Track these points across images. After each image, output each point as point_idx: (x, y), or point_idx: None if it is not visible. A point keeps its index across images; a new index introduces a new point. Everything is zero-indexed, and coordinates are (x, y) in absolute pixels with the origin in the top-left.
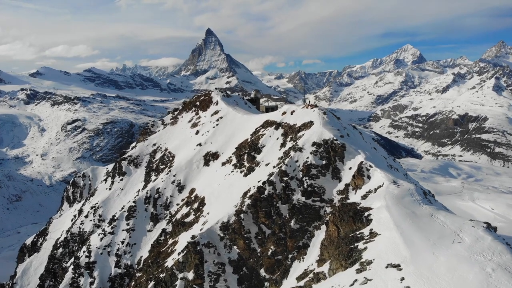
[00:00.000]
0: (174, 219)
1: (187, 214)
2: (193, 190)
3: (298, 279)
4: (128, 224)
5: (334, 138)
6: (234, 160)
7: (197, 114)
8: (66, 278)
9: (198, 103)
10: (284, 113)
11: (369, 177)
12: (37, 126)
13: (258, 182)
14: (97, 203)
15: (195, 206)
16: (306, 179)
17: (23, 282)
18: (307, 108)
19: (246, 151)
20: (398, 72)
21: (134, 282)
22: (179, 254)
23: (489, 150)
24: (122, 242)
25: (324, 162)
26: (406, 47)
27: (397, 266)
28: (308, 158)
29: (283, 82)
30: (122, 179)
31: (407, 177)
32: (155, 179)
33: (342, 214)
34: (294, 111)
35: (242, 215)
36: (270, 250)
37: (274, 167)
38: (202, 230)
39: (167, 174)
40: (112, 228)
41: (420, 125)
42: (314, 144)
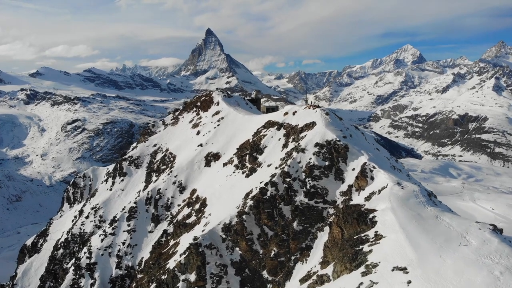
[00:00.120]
0: (175, 220)
1: (189, 215)
2: (194, 191)
3: (302, 281)
4: (129, 225)
5: (337, 139)
6: (235, 160)
7: (198, 114)
8: (67, 279)
9: (199, 104)
10: (286, 113)
11: (372, 178)
12: (37, 126)
13: (260, 183)
14: (97, 204)
15: (197, 207)
16: (308, 180)
17: (24, 283)
18: (309, 108)
19: (248, 152)
20: (398, 72)
21: (135, 284)
22: (181, 256)
23: (489, 150)
24: (123, 243)
25: (327, 163)
26: (406, 47)
27: (403, 269)
28: (310, 159)
29: (283, 82)
30: (123, 180)
31: (410, 178)
32: (156, 180)
33: (346, 215)
34: (296, 112)
35: (244, 217)
36: (273, 252)
37: (277, 168)
38: (204, 231)
39: (168, 174)
40: (113, 229)
41: (420, 125)
42: (316, 145)
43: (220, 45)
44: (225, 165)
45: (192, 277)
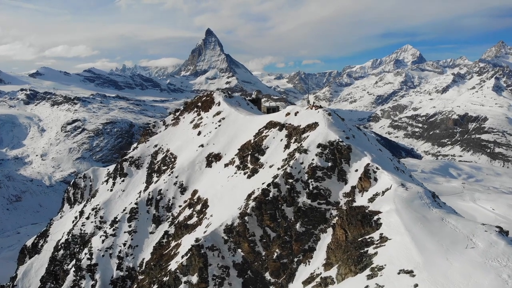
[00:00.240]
0: (176, 221)
1: (190, 216)
2: (195, 192)
3: (305, 283)
4: (130, 226)
5: (340, 140)
6: (237, 161)
7: (199, 115)
8: (68, 280)
9: (200, 104)
10: (288, 114)
11: (375, 179)
12: (36, 126)
13: (263, 184)
14: (98, 205)
15: (198, 208)
16: (311, 181)
17: (24, 284)
18: (311, 109)
19: (250, 153)
20: (398, 72)
21: (136, 285)
22: (183, 257)
23: (489, 151)
24: (124, 244)
25: (329, 164)
26: (406, 47)
27: (410, 272)
28: (313, 160)
29: (283, 82)
30: (123, 180)
31: (413, 179)
32: (157, 181)
33: (350, 217)
34: (298, 112)
35: (246, 218)
36: (275, 254)
37: (279, 169)
38: (206, 232)
39: (169, 175)
40: (113, 230)
41: (420, 125)
42: (319, 145)
43: (220, 45)
44: (226, 165)
45: (194, 279)
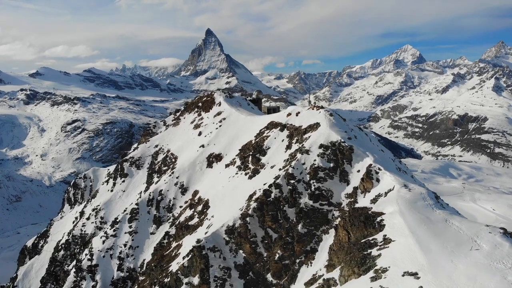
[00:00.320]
0: (177, 222)
1: (191, 217)
2: (196, 192)
3: (307, 285)
4: (130, 226)
5: (342, 140)
6: (238, 162)
7: (199, 115)
8: (68, 281)
9: (200, 104)
10: (289, 114)
11: (378, 180)
12: (36, 126)
13: (264, 184)
14: (98, 205)
15: (199, 208)
16: (313, 182)
17: (24, 284)
18: (313, 109)
19: (251, 153)
20: (397, 72)
21: (137, 286)
22: (184, 258)
23: (489, 151)
24: (125, 245)
25: (331, 165)
26: (406, 48)
27: (414, 275)
28: (315, 160)
29: (283, 82)
30: (124, 181)
31: (415, 179)
32: (158, 181)
33: (353, 218)
34: (299, 113)
35: (248, 219)
36: (277, 255)
37: (280, 170)
38: (207, 233)
39: (170, 175)
40: (114, 230)
41: (420, 125)
42: (321, 146)
43: (220, 45)
44: (227, 166)
45: (195, 280)
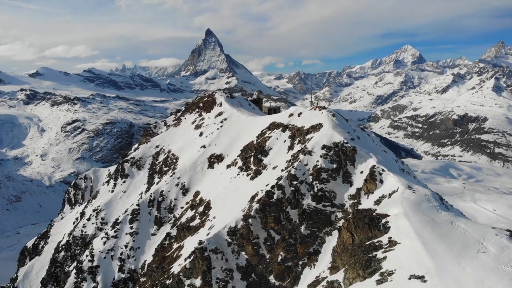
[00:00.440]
0: (178, 223)
1: (192, 218)
2: (197, 193)
3: (310, 287)
4: (131, 227)
5: (345, 141)
6: (239, 162)
7: (200, 115)
8: (69, 282)
9: (201, 104)
10: (291, 114)
11: (381, 181)
12: (36, 126)
13: (266, 186)
14: (99, 206)
15: (201, 209)
16: (316, 183)
17: (25, 285)
18: (315, 110)
19: (252, 154)
20: (397, 72)
21: (138, 287)
22: (186, 260)
23: (489, 151)
24: (126, 246)
25: (334, 166)
26: (406, 48)
27: (421, 278)
28: (318, 161)
29: (283, 82)
30: (124, 181)
31: (418, 180)
32: (159, 182)
33: (357, 220)
34: (301, 113)
35: (250, 220)
36: (280, 256)
37: (282, 171)
38: (209, 235)
39: (171, 176)
40: (115, 231)
41: (419, 125)
42: (324, 147)
43: (219, 45)
44: (228, 167)
45: (197, 282)
